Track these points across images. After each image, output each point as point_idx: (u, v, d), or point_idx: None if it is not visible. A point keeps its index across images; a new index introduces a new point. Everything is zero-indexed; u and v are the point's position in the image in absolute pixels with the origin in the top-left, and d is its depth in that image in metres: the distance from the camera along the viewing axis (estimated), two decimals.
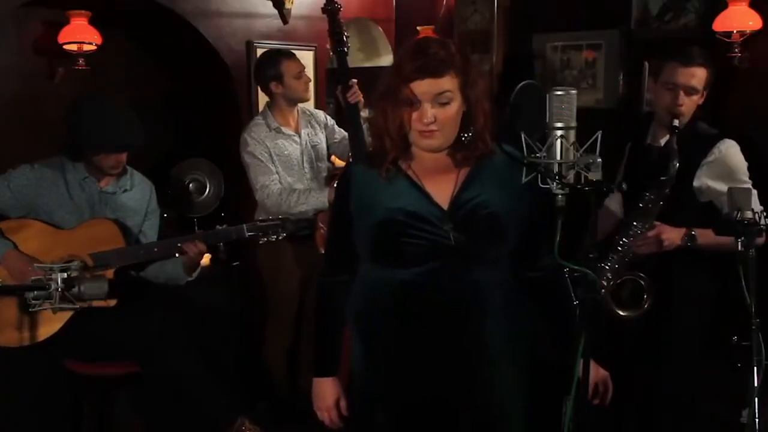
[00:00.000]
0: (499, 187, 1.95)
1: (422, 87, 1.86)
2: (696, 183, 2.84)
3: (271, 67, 3.63)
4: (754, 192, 2.76)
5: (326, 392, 2.15)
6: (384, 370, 2.03)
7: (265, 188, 3.54)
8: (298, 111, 3.75)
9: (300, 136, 3.69)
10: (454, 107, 1.89)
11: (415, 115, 1.89)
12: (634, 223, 2.82)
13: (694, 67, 2.80)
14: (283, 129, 3.65)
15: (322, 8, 3.66)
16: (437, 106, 1.88)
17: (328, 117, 3.91)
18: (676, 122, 2.77)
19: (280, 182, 3.58)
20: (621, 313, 2.83)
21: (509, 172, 1.93)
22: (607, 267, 2.84)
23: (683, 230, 2.81)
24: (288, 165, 3.63)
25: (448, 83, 1.87)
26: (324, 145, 3.80)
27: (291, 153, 3.64)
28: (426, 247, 1.92)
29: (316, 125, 3.80)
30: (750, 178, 2.89)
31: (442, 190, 1.95)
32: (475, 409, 2.00)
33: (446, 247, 1.92)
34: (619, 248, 2.84)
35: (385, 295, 1.99)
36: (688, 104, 2.82)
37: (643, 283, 2.82)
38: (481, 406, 2.00)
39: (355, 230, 2.01)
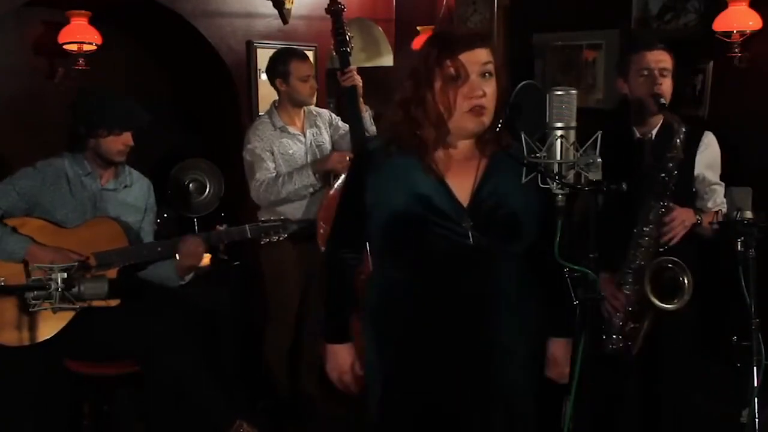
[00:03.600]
0: (517, 182, 1.88)
1: (472, 56, 1.84)
2: (696, 171, 2.87)
3: (281, 64, 3.65)
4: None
5: (340, 357, 2.12)
6: (397, 366, 2.01)
7: (257, 182, 3.57)
8: (304, 111, 3.77)
9: (305, 136, 3.71)
10: (495, 83, 1.87)
11: (464, 90, 1.85)
12: (661, 204, 2.75)
13: (658, 50, 2.85)
14: (289, 128, 3.67)
15: (325, 9, 3.67)
16: (484, 79, 1.85)
17: (333, 115, 3.91)
18: (662, 99, 2.76)
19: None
20: (666, 306, 2.71)
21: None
22: (634, 265, 2.78)
23: (691, 210, 2.82)
24: (292, 164, 3.64)
25: (491, 55, 1.87)
26: (328, 145, 3.81)
27: (295, 152, 3.66)
28: (443, 243, 1.90)
29: (321, 125, 3.81)
30: (750, 178, 2.90)
31: (462, 185, 1.93)
32: (488, 406, 1.98)
33: (464, 245, 1.90)
34: (642, 242, 2.78)
35: (399, 293, 1.97)
36: (666, 85, 2.83)
37: (676, 267, 2.72)
38: (494, 403, 1.98)
39: (370, 218, 1.98)
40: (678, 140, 2.72)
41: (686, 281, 2.69)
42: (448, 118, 1.88)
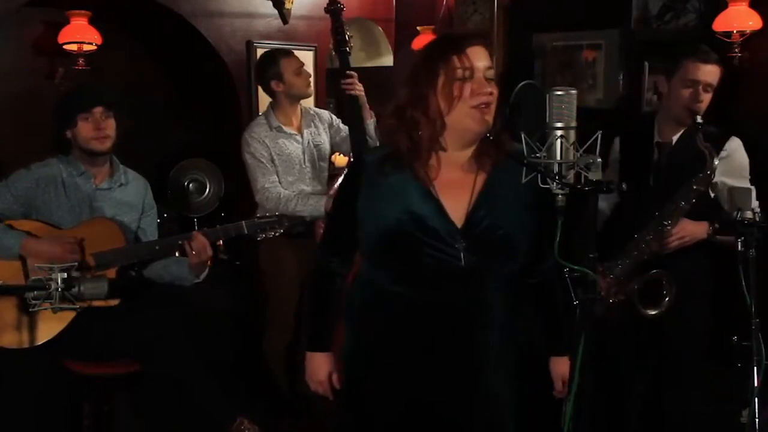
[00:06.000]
0: (513, 201, 1.89)
1: (478, 53, 1.83)
2: (715, 179, 2.82)
3: (271, 66, 3.63)
4: (753, 189, 2.79)
5: (319, 366, 2.11)
6: (376, 378, 2.00)
7: (264, 191, 3.55)
8: (301, 110, 3.74)
9: (302, 136, 3.69)
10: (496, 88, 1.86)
11: (473, 86, 1.82)
12: (665, 222, 2.75)
13: (713, 64, 2.80)
14: (285, 128, 3.65)
15: (324, 8, 3.67)
16: (489, 80, 1.84)
17: (333, 117, 3.90)
18: (699, 119, 2.72)
19: (280, 182, 3.59)
20: (648, 312, 2.78)
21: (521, 180, 1.83)
22: (619, 267, 2.79)
23: (705, 224, 2.80)
24: (289, 164, 3.63)
25: (490, 59, 1.86)
26: (327, 146, 3.79)
27: (292, 152, 3.64)
28: (433, 263, 1.88)
29: (320, 125, 3.79)
30: (751, 177, 2.90)
31: (457, 203, 1.90)
32: (468, 420, 1.96)
33: (456, 266, 1.88)
34: (638, 247, 2.78)
35: (384, 299, 1.96)
36: (706, 101, 2.81)
37: (663, 280, 2.77)
38: (474, 417, 1.96)
39: (361, 230, 1.96)
40: (707, 173, 2.69)
41: (668, 297, 2.76)
42: (448, 114, 1.85)
